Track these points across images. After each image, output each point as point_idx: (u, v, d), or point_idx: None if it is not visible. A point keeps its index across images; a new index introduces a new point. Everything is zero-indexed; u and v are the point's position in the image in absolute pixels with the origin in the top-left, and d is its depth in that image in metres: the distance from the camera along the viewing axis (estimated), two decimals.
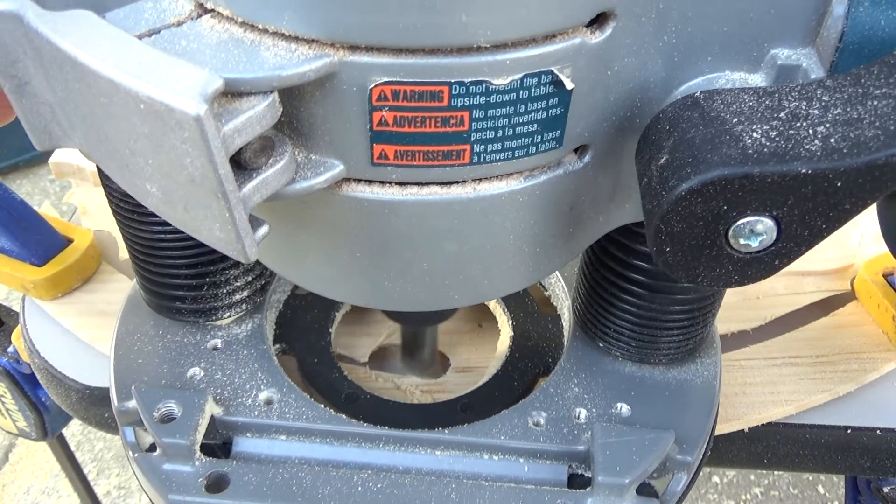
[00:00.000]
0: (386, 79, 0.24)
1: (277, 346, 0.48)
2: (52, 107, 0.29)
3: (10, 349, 0.62)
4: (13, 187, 0.42)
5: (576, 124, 0.28)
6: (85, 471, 0.95)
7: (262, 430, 0.40)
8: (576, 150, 0.30)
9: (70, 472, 0.86)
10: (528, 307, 0.50)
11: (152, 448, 0.40)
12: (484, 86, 0.25)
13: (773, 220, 0.26)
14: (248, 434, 0.40)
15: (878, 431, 0.48)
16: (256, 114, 0.23)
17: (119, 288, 0.56)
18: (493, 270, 0.31)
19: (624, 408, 0.41)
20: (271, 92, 0.24)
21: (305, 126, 0.26)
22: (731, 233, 0.26)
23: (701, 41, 0.28)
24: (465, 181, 0.28)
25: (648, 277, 0.39)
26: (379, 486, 0.37)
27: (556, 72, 0.25)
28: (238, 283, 0.43)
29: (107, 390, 0.49)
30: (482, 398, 0.46)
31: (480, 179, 0.28)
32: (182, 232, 0.39)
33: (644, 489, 0.38)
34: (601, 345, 0.43)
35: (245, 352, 0.43)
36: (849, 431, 0.48)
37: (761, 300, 0.56)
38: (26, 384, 0.63)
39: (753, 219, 0.26)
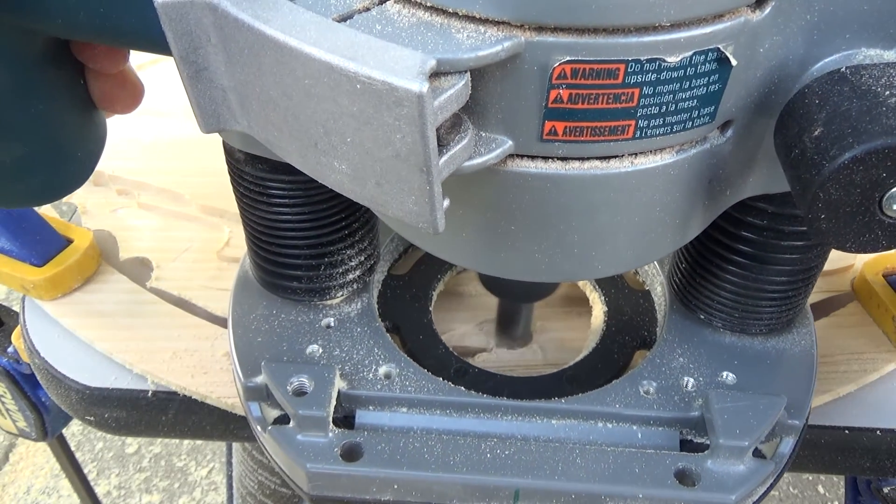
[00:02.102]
0: (569, 58, 0.26)
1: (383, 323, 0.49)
2: (226, 91, 0.30)
3: (10, 349, 0.62)
4: None
5: (727, 100, 0.29)
6: (85, 471, 0.95)
7: (385, 403, 0.42)
8: (719, 126, 0.31)
9: (70, 472, 0.86)
10: (618, 284, 0.52)
11: (279, 422, 0.41)
12: (657, 63, 0.26)
13: None
14: (370, 407, 0.42)
15: (878, 432, 0.48)
16: (456, 92, 0.25)
17: (119, 288, 0.56)
18: (638, 241, 0.33)
19: (729, 376, 0.43)
20: (466, 72, 0.25)
21: (480, 105, 0.28)
22: (885, 200, 0.28)
23: (842, 19, 0.29)
24: (623, 155, 0.30)
25: (756, 249, 0.40)
26: (506, 452, 0.39)
27: (722, 49, 0.27)
28: (352, 263, 0.44)
29: (107, 391, 0.50)
30: (586, 370, 0.47)
31: (637, 154, 0.30)
32: (306, 215, 0.41)
33: (755, 452, 0.40)
34: (702, 316, 0.45)
35: (359, 329, 0.45)
36: (848, 432, 0.48)
37: None
38: (26, 384, 0.63)
39: None
